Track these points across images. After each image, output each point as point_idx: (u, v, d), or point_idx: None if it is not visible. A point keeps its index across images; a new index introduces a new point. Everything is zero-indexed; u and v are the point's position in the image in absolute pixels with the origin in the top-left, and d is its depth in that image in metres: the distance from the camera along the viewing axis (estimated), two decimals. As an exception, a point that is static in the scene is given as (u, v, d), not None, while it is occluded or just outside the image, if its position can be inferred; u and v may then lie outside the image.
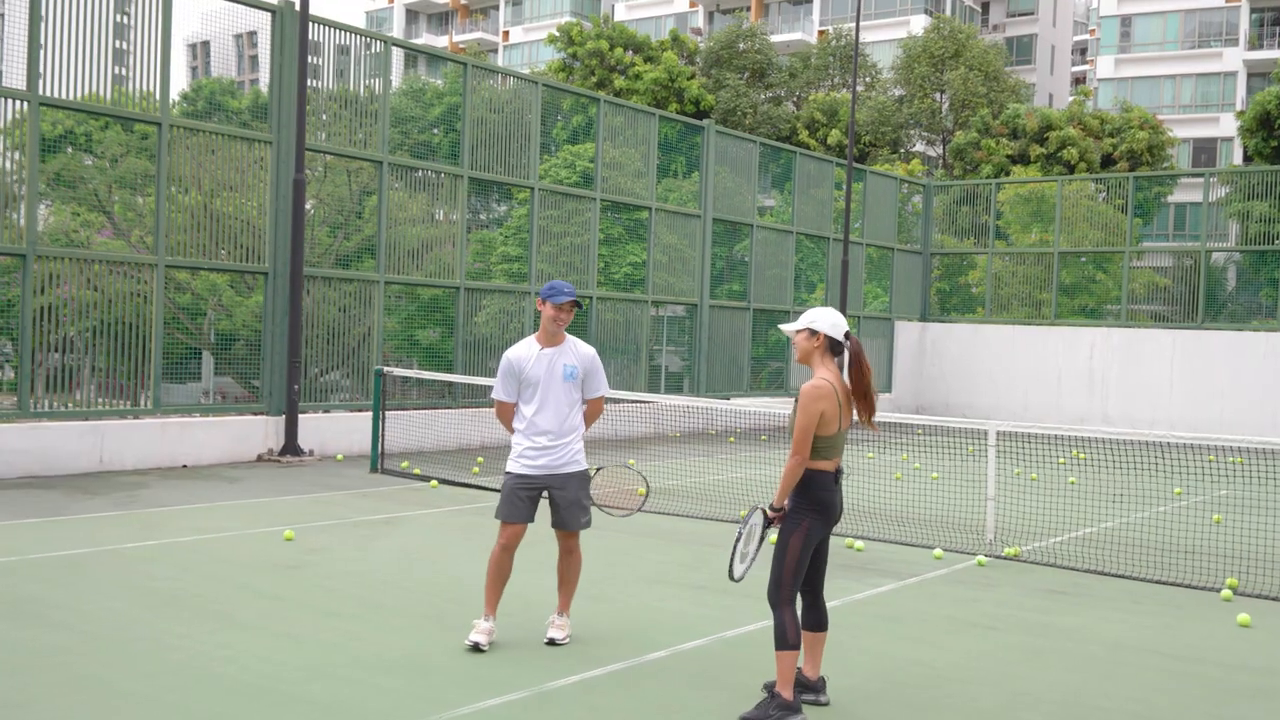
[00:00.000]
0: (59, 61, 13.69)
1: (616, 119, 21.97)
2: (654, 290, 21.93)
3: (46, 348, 14.00)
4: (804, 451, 5.43)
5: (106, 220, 22.91)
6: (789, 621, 5.51)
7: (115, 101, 14.58)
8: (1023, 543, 10.47)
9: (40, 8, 13.35)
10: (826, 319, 5.57)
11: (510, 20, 65.80)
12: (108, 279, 22.04)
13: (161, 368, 14.50)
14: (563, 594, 6.85)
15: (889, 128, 45.02)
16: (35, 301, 13.45)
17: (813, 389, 5.44)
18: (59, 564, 8.42)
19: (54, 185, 29.26)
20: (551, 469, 6.66)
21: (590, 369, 6.79)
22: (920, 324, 28.28)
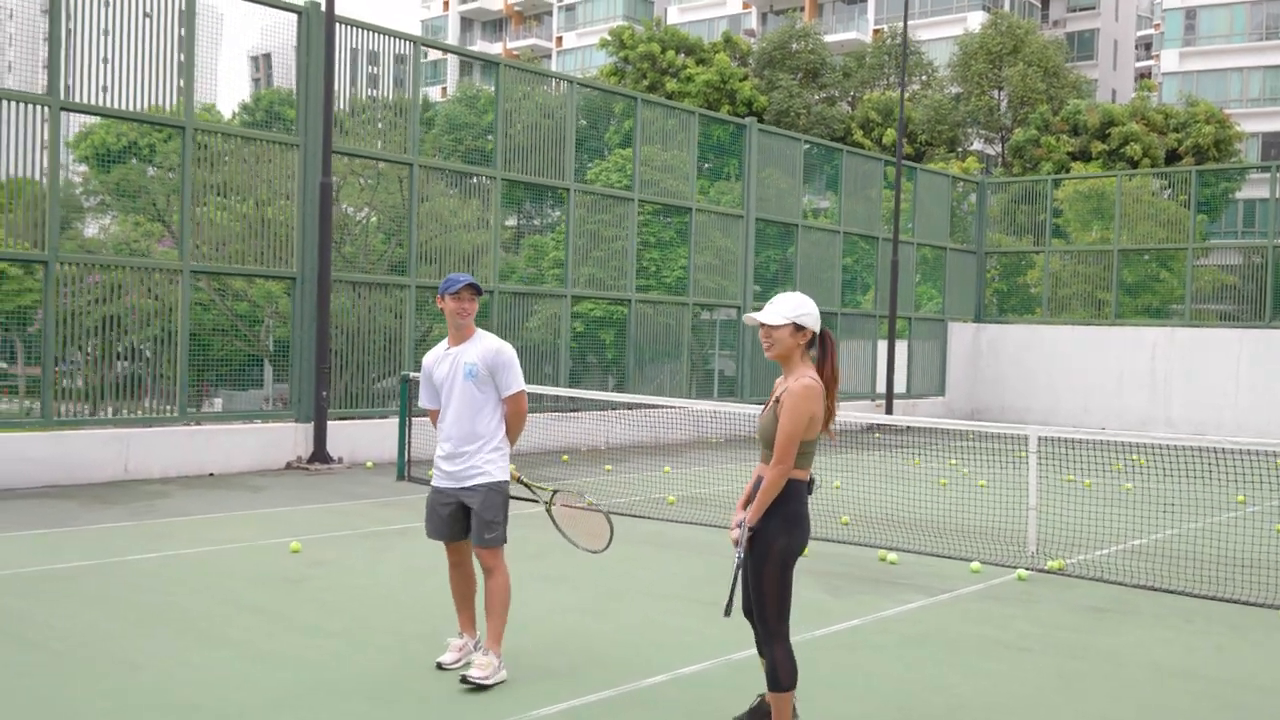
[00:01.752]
0: (125, 74, 13.76)
1: (669, 122, 21.61)
2: (700, 293, 21.45)
3: (114, 356, 13.95)
4: (790, 459, 4.86)
5: (165, 230, 22.99)
6: (782, 661, 4.96)
7: (174, 112, 14.47)
8: (1068, 555, 9.85)
9: (104, 21, 13.30)
10: (812, 311, 4.95)
11: (564, 26, 65.69)
12: (166, 288, 22.20)
13: (224, 375, 14.47)
14: (488, 624, 6.03)
15: (945, 126, 44.13)
16: (98, 311, 13.44)
17: (806, 389, 4.85)
18: (52, 578, 8.15)
19: (116, 196, 29.60)
20: (459, 481, 6.03)
21: (495, 364, 6.01)
22: (975, 325, 27.50)
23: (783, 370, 5.03)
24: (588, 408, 18.63)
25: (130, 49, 13.83)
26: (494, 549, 6.01)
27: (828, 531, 10.90)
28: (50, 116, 13.04)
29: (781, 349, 4.93)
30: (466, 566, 6.25)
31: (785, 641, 4.97)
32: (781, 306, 4.93)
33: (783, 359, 4.96)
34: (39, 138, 34.77)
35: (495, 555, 6.02)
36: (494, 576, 6.01)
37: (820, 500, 12.64)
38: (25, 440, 12.74)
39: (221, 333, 20.91)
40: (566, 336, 18.78)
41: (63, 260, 13.23)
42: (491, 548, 6.00)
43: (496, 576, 6.02)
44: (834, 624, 7.45)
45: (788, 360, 4.96)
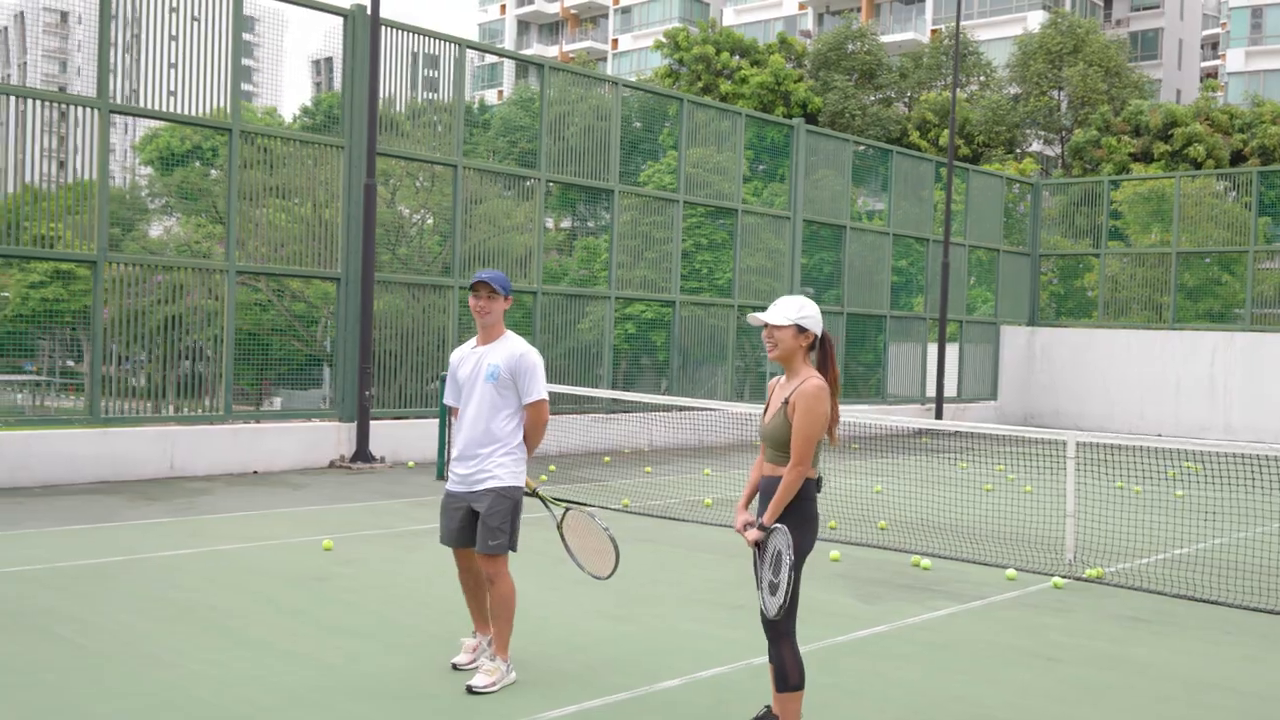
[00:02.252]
0: (191, 79, 14.04)
1: (723, 124, 21.54)
2: (749, 295, 21.36)
3: (177, 355, 14.20)
4: (809, 460, 4.83)
5: (224, 231, 23.38)
6: (789, 659, 4.91)
7: (218, 114, 14.68)
8: (1109, 563, 9.63)
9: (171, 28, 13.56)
10: (815, 315, 4.92)
11: (619, 28, 65.79)
12: (225, 288, 22.56)
13: (284, 374, 14.67)
14: (493, 632, 5.93)
15: (1003, 127, 43.54)
16: (162, 311, 13.70)
17: (819, 389, 4.82)
18: (86, 573, 8.26)
19: (179, 198, 30.08)
20: (469, 484, 5.91)
21: (518, 369, 5.86)
22: (1029, 329, 27.08)
23: (785, 372, 4.99)
24: (630, 409, 18.60)
25: (188, 53, 14.03)
26: (497, 556, 5.85)
27: (863, 536, 10.77)
28: (100, 119, 13.25)
29: (784, 350, 4.91)
30: (475, 570, 6.11)
31: (792, 639, 4.92)
32: (785, 308, 4.90)
33: (785, 360, 4.94)
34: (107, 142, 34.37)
35: (497, 563, 5.87)
36: (496, 585, 5.88)
37: (858, 505, 12.51)
38: (74, 438, 12.96)
39: (279, 332, 21.22)
40: (610, 338, 18.78)
41: (111, 260, 13.44)
42: (494, 555, 5.84)
43: (499, 585, 5.88)
44: (859, 630, 7.33)
45: (790, 362, 4.94)
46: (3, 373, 21.22)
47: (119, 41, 13.35)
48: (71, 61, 74.49)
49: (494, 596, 5.90)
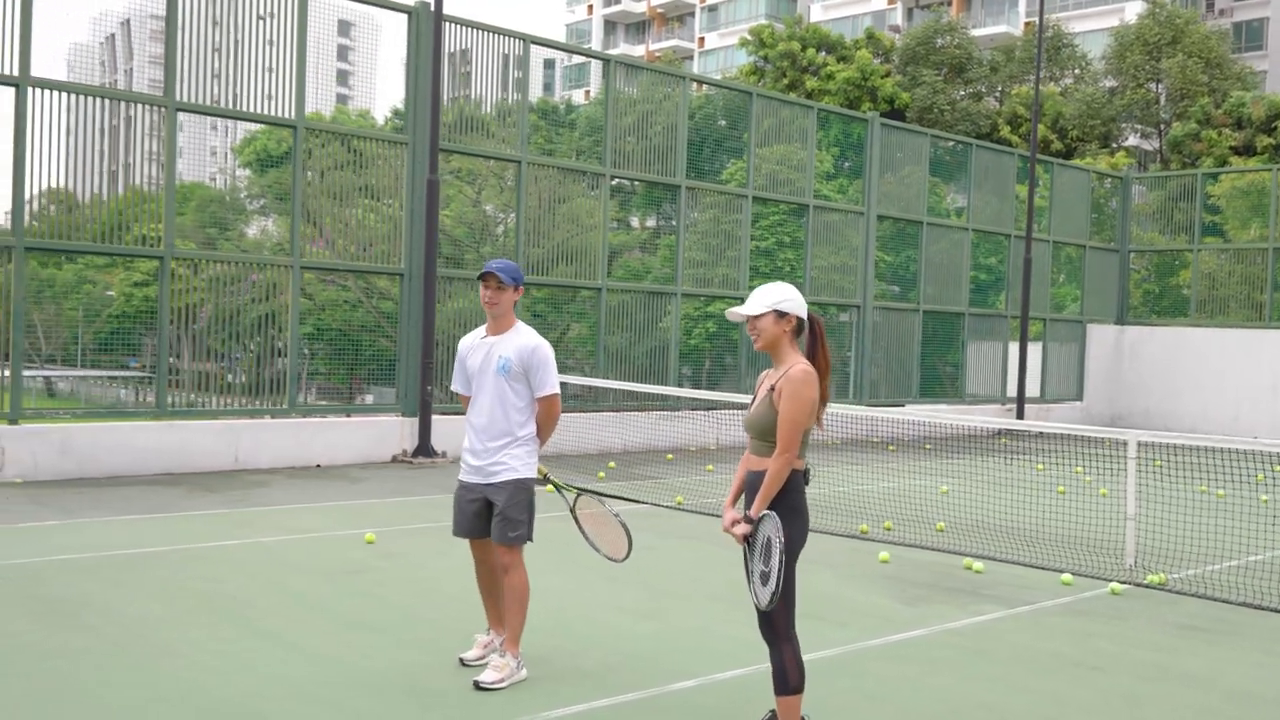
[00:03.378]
0: (289, 82, 14.36)
1: (806, 121, 21.28)
2: (822, 292, 21.04)
3: (270, 353, 14.48)
4: (795, 448, 4.61)
5: (317, 232, 23.84)
6: (789, 660, 4.70)
7: (335, 119, 14.90)
8: (1174, 569, 9.18)
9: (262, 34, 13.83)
10: (793, 297, 4.72)
11: (706, 26, 65.52)
12: (316, 286, 23.03)
13: (374, 371, 14.89)
14: (506, 625, 5.85)
15: (1098, 121, 42.31)
16: (254, 309, 13.97)
17: (805, 373, 4.62)
18: (127, 562, 8.35)
19: (273, 199, 30.67)
20: (484, 476, 5.85)
21: (530, 363, 5.80)
22: (1117, 327, 26.21)
23: (773, 361, 4.80)
24: (696, 407, 18.42)
25: (273, 56, 14.31)
26: (515, 547, 5.83)
27: (919, 538, 10.45)
28: (166, 117, 13.46)
29: (768, 338, 4.73)
30: (491, 563, 6.06)
31: (792, 641, 4.72)
32: (761, 296, 4.75)
33: (770, 348, 4.76)
34: (208, 145, 36.72)
35: (515, 554, 5.84)
36: (511, 575, 5.83)
37: (918, 505, 12.17)
38: (141, 430, 13.20)
39: (368, 330, 21.50)
40: (676, 336, 18.63)
41: (176, 256, 13.65)
42: (513, 546, 5.83)
43: (514, 575, 5.83)
44: (895, 633, 7.06)
45: (776, 349, 4.75)
46: (108, 369, 21.85)
47: (170, 42, 13.53)
48: (175, 67, 76.21)
49: (508, 587, 5.84)
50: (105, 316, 27.51)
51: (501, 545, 5.83)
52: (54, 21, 12.90)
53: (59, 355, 25.75)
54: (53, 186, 13.25)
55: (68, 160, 13.19)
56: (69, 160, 13.21)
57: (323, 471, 13.90)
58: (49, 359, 25.24)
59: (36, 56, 12.42)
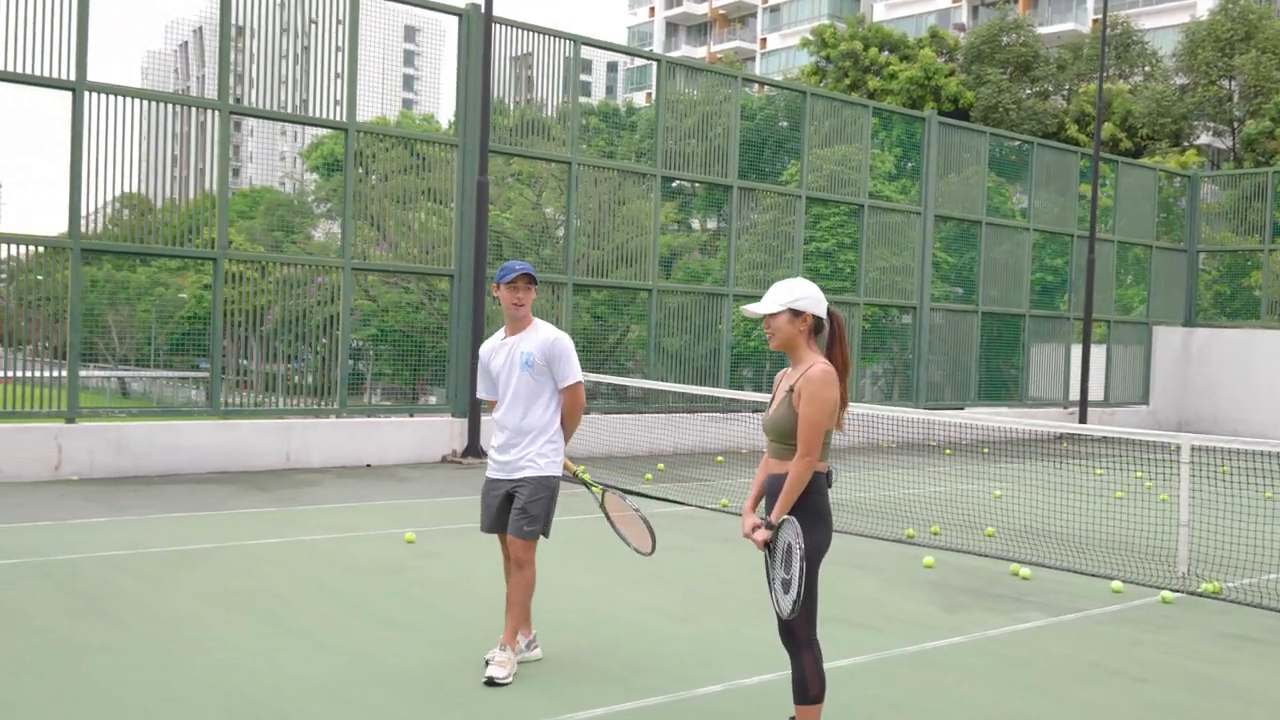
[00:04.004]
0: (359, 89, 14.59)
1: (871, 119, 21.09)
2: (880, 293, 20.80)
3: (335, 354, 14.66)
4: (817, 451, 4.48)
5: (380, 235, 24.14)
6: (810, 669, 4.58)
7: (399, 123, 15.07)
8: (1230, 578, 8.89)
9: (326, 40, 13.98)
10: (810, 294, 4.57)
11: (768, 27, 65.21)
12: (380, 289, 23.24)
13: (438, 373, 15.10)
14: (507, 618, 5.87)
15: (1169, 119, 41.38)
16: (320, 311, 14.24)
17: (825, 373, 4.48)
18: (165, 559, 8.44)
19: (340, 202, 31.09)
20: (509, 472, 5.90)
21: (552, 354, 5.88)
22: (1184, 329, 25.58)
23: (790, 361, 4.66)
24: (751, 410, 18.29)
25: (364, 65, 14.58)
26: (530, 542, 5.88)
27: (966, 542, 10.24)
28: (220, 121, 13.63)
29: (783, 337, 4.59)
30: None
31: (813, 649, 4.59)
32: (776, 294, 4.61)
33: (787, 348, 4.62)
34: (277, 149, 36.97)
35: (529, 549, 5.89)
36: (523, 569, 5.88)
37: (968, 510, 11.94)
38: (195, 429, 13.38)
39: (431, 332, 21.67)
40: (728, 337, 18.53)
41: (230, 257, 13.82)
42: (528, 540, 5.86)
43: (525, 570, 5.88)
44: (932, 640, 6.90)
45: (792, 349, 4.62)
46: (181, 370, 22.24)
47: (224, 48, 13.70)
48: (245, 74, 77.32)
49: (518, 579, 5.89)
50: (178, 318, 28.00)
51: (516, 538, 5.86)
52: (130, 28, 13.21)
53: (133, 356, 26.23)
54: (127, 191, 13.52)
55: (142, 166, 13.45)
56: (143, 166, 13.48)
57: (372, 471, 13.98)
58: (123, 360, 25.72)
59: (114, 63, 12.73)
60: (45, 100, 12.75)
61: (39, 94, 12.66)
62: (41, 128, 13.61)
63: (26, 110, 13.44)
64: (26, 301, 13.18)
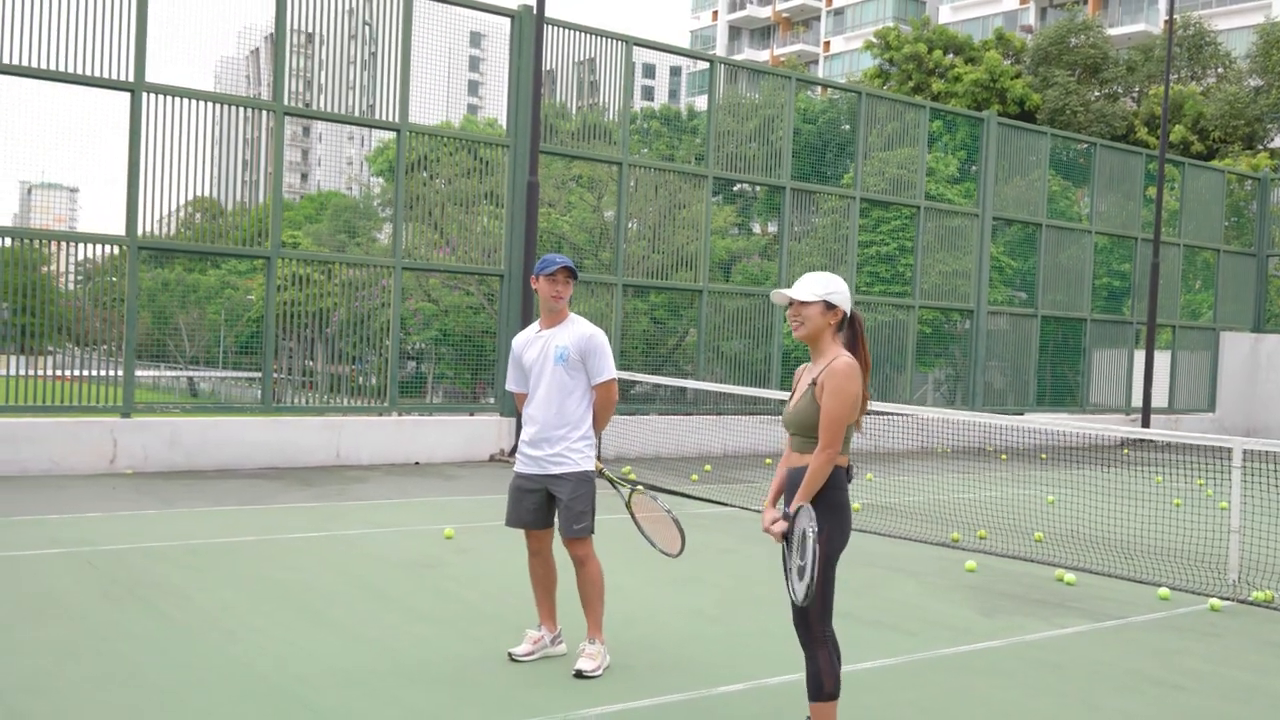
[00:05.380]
0: (422, 94, 14.90)
1: (934, 124, 20.89)
2: (937, 297, 20.55)
3: (403, 356, 14.85)
4: (838, 444, 4.41)
5: (441, 238, 24.43)
6: (824, 666, 4.52)
7: (463, 127, 15.20)
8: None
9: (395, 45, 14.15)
10: (843, 291, 4.53)
11: (831, 30, 64.83)
12: (441, 291, 23.43)
13: (496, 375, 15.25)
14: (588, 616, 5.93)
15: (1242, 121, 40.43)
16: (383, 314, 14.51)
17: (850, 366, 4.43)
18: (211, 550, 8.56)
19: (404, 206, 31.52)
20: (544, 468, 5.86)
21: (587, 349, 5.84)
22: (1253, 335, 24.95)
23: (811, 353, 4.62)
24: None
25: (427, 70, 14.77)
26: (584, 539, 5.87)
27: (1012, 547, 10.06)
28: (275, 121, 13.82)
29: (811, 328, 4.54)
30: (547, 555, 6.09)
31: (828, 645, 4.54)
32: (812, 284, 4.55)
33: (812, 339, 4.57)
34: (344, 154, 37.90)
35: (586, 545, 5.88)
36: (586, 566, 5.89)
37: (1018, 515, 11.73)
38: (247, 425, 13.58)
39: (490, 334, 21.85)
40: (780, 340, 18.42)
41: (283, 256, 14.00)
42: (582, 538, 5.86)
43: (589, 566, 5.89)
44: (968, 644, 6.78)
45: (817, 341, 4.57)
46: (249, 370, 22.67)
47: (279, 51, 13.88)
48: (315, 80, 78.56)
49: (585, 577, 5.91)
50: (245, 320, 28.51)
51: (570, 539, 5.86)
52: (200, 33, 13.47)
53: (202, 356, 26.73)
54: (198, 195, 13.78)
55: (210, 169, 13.70)
56: (210, 169, 13.72)
57: (420, 469, 14.08)
58: (193, 360, 26.22)
59: (183, 66, 12.96)
60: (113, 103, 13.04)
61: (103, 95, 12.92)
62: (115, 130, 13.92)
63: (103, 113, 13.77)
64: (101, 303, 13.47)
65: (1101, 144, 22.87)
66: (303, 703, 5.23)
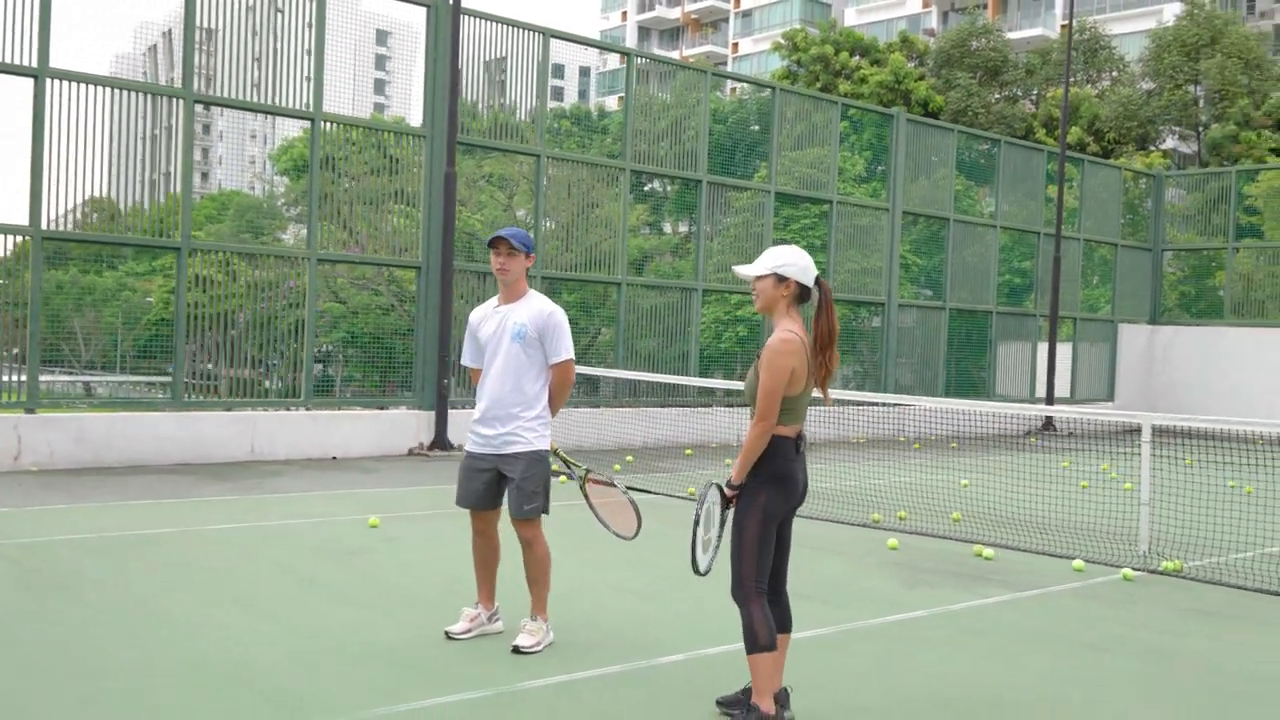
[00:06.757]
0: (332, 89, 14.74)
1: (841, 124, 21.19)
2: (842, 292, 20.86)
3: (306, 358, 14.53)
4: (772, 416, 4.53)
5: (351, 237, 24.06)
6: (758, 618, 4.62)
7: (305, 109, 14.89)
8: (1192, 558, 8.96)
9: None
10: (796, 261, 4.65)
11: (739, 32, 65.46)
12: (350, 291, 23.02)
13: (407, 377, 15.02)
14: (532, 594, 5.90)
15: (1135, 123, 41.78)
16: (290, 315, 14.23)
17: (781, 343, 4.56)
18: (131, 542, 8.35)
19: (309, 204, 30.88)
20: (496, 447, 5.78)
21: (545, 327, 5.73)
22: (1150, 327, 25.82)
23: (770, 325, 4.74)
24: (721, 404, 18.33)
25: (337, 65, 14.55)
26: (533, 520, 5.81)
27: (933, 527, 10.28)
28: (185, 110, 13.53)
29: (765, 300, 4.69)
30: (491, 535, 6.03)
31: (760, 599, 4.65)
32: (765, 258, 4.71)
33: (767, 311, 4.72)
34: (246, 153, 37.22)
35: (534, 526, 5.82)
36: (533, 548, 5.83)
37: (935, 498, 11.98)
38: (157, 420, 13.25)
39: (401, 335, 21.55)
40: (697, 330, 18.56)
41: (193, 248, 13.71)
42: (531, 519, 5.80)
43: (536, 548, 5.83)
44: (895, 614, 6.93)
45: (772, 313, 4.71)
46: (148, 374, 22.05)
47: (189, 38, 13.61)
48: (216, 77, 77.10)
49: (532, 559, 5.85)
50: (145, 323, 27.76)
51: (519, 519, 5.79)
52: (98, 30, 13.10)
53: (99, 361, 25.96)
54: (95, 196, 13.40)
55: (110, 168, 13.34)
56: (111, 168, 13.36)
57: (338, 463, 13.90)
58: (89, 365, 25.45)
59: (82, 64, 12.57)
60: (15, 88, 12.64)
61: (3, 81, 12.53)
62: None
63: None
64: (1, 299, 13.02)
65: (1006, 141, 23.47)
66: (249, 685, 5.14)
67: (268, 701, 4.93)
